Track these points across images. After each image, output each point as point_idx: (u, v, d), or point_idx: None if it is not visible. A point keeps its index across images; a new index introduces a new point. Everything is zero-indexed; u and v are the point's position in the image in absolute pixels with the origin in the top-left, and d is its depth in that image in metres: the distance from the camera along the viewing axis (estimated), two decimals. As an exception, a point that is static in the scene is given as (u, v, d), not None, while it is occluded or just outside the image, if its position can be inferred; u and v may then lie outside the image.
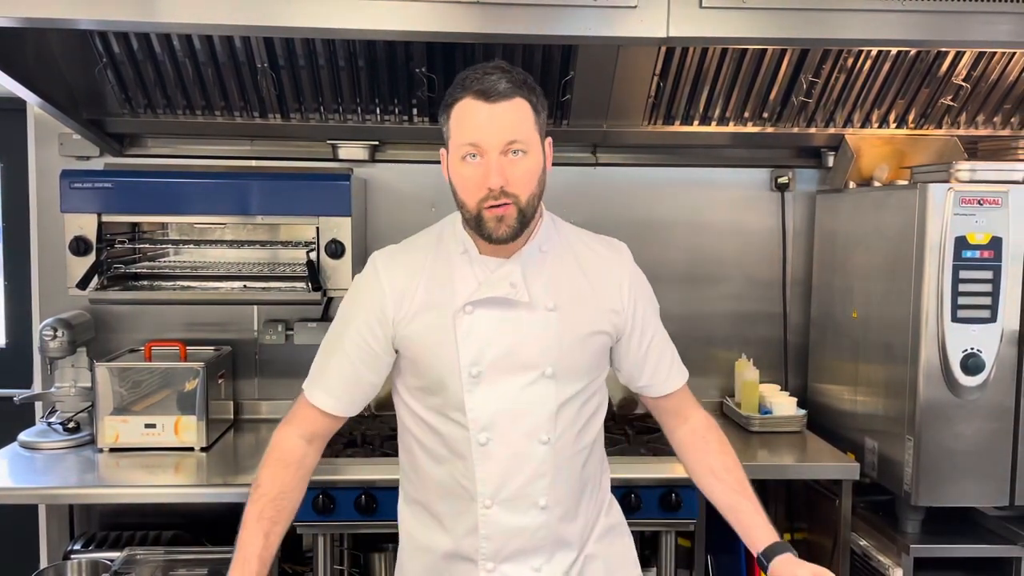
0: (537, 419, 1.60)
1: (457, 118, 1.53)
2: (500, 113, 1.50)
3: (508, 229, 1.53)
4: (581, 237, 1.74)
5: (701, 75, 2.71)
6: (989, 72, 2.75)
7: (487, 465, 1.60)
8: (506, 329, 1.59)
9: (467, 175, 1.53)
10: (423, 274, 1.64)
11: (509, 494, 1.61)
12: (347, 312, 1.69)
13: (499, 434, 1.60)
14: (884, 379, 2.52)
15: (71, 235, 2.59)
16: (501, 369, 1.59)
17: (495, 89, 1.49)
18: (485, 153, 1.50)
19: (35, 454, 2.60)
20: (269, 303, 2.93)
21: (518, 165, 1.51)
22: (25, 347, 3.13)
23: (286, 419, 1.70)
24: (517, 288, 1.59)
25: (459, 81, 1.54)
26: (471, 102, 1.51)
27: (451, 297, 1.60)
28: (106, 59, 2.62)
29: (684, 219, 3.09)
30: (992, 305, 2.30)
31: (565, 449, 1.64)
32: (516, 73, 1.53)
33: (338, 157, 2.96)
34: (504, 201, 1.51)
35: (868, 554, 2.54)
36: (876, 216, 2.59)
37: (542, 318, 1.60)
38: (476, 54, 2.60)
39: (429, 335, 1.61)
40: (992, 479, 2.34)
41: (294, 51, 2.58)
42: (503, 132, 1.50)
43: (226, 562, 1.58)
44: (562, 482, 1.64)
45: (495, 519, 1.62)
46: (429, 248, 1.68)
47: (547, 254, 1.65)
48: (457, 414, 1.60)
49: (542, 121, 1.57)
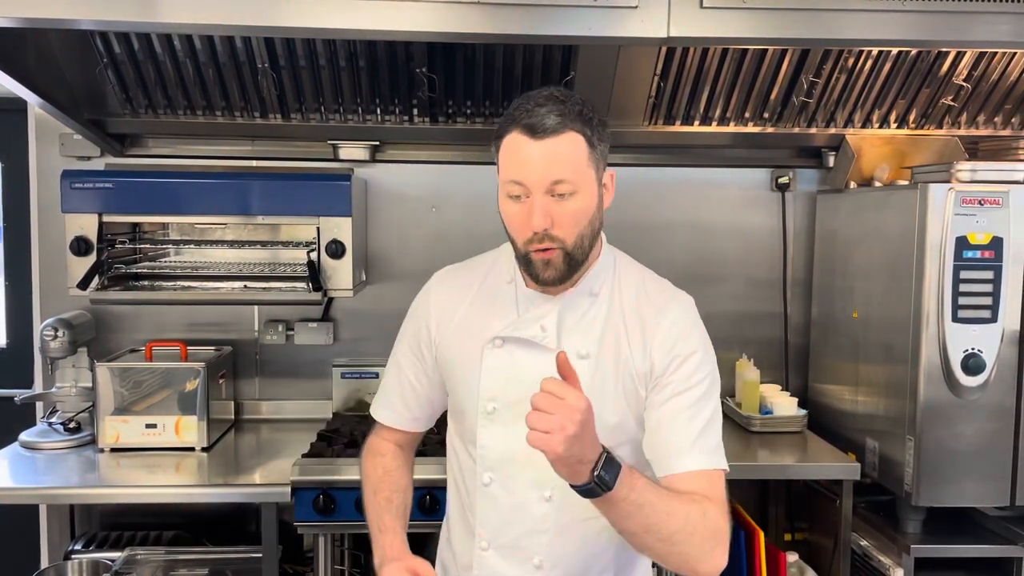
0: (544, 472, 1.39)
1: (504, 153, 1.45)
2: (547, 151, 1.40)
3: (555, 273, 1.45)
4: (639, 282, 1.58)
5: (702, 75, 2.71)
6: (990, 72, 2.75)
7: (488, 506, 1.55)
8: (530, 371, 1.46)
9: (512, 213, 1.45)
10: (469, 297, 1.60)
11: (505, 542, 1.55)
12: (404, 326, 1.69)
13: (503, 478, 1.53)
14: (885, 379, 2.52)
15: (72, 235, 2.59)
16: (517, 411, 1.42)
17: (542, 125, 1.39)
18: (530, 193, 1.41)
19: (36, 454, 2.60)
20: (270, 303, 2.93)
21: (565, 207, 1.42)
22: (26, 347, 3.13)
23: (369, 436, 1.75)
24: (547, 333, 1.50)
25: (510, 111, 1.45)
26: (518, 137, 1.41)
27: (487, 327, 1.55)
28: (107, 59, 2.62)
29: (684, 219, 3.09)
30: (993, 305, 2.30)
31: (572, 510, 1.50)
32: (571, 104, 1.42)
33: (339, 157, 2.96)
34: (548, 245, 1.43)
35: (869, 554, 2.54)
36: (877, 216, 2.59)
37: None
38: (477, 54, 2.61)
39: (460, 360, 1.58)
40: (993, 479, 2.34)
41: (295, 51, 2.58)
42: (549, 172, 1.40)
43: (227, 562, 1.58)
44: (565, 544, 1.53)
45: (489, 563, 1.56)
46: (484, 269, 1.63)
47: (597, 297, 1.54)
48: (471, 447, 1.57)
49: (599, 154, 1.46)
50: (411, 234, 3.02)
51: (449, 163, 3.02)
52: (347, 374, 2.93)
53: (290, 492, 2.31)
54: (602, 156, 1.48)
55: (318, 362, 3.01)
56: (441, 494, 2.18)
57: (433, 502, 2.29)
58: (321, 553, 2.40)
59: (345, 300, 2.83)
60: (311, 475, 2.34)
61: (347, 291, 2.68)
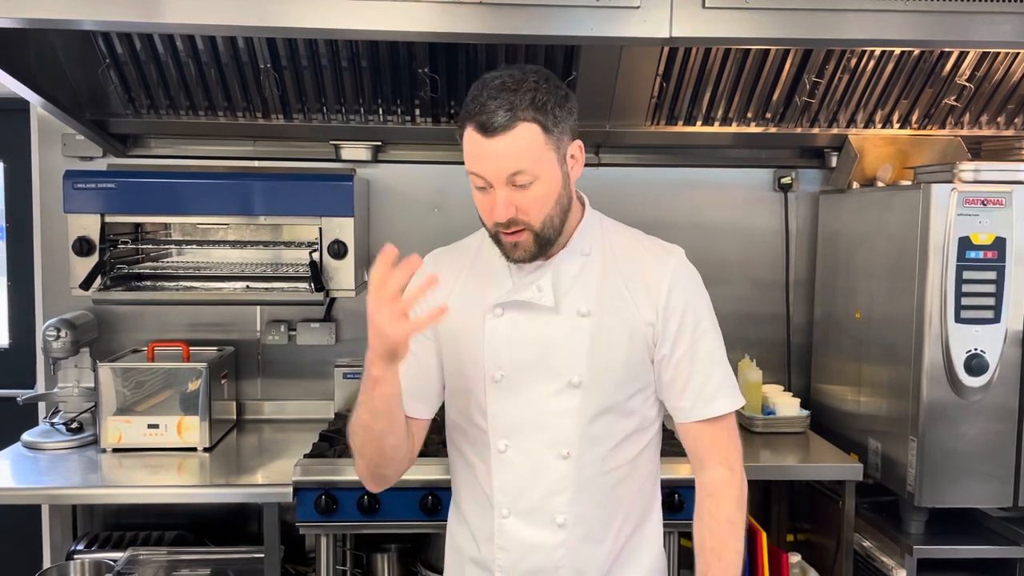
0: (560, 431, 1.53)
1: (464, 145, 1.48)
2: (500, 147, 1.42)
3: (524, 253, 1.50)
4: (627, 238, 1.64)
5: (704, 75, 2.71)
6: (993, 72, 2.75)
7: (505, 473, 1.56)
8: (533, 335, 1.54)
9: (479, 200, 1.51)
10: (464, 272, 1.63)
11: (526, 506, 1.56)
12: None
13: (518, 443, 1.55)
14: (887, 380, 2.51)
15: (74, 235, 2.59)
16: (525, 375, 1.54)
17: (491, 123, 1.41)
18: (491, 184, 1.46)
19: (38, 454, 2.60)
20: (272, 303, 2.93)
21: (526, 195, 1.45)
22: (28, 347, 3.13)
23: None
24: (543, 292, 1.53)
25: (466, 101, 1.47)
26: (471, 133, 1.45)
27: (484, 298, 1.58)
28: (109, 60, 2.62)
29: (687, 219, 3.09)
30: (996, 306, 2.30)
31: (590, 466, 1.55)
32: (523, 92, 1.42)
33: (341, 158, 2.96)
34: (515, 228, 1.47)
35: (871, 555, 2.54)
36: (879, 216, 2.59)
37: (571, 324, 1.54)
38: (479, 54, 2.61)
39: (460, 333, 1.59)
40: (996, 480, 2.34)
41: (297, 51, 2.58)
42: (504, 166, 1.43)
43: (229, 562, 1.58)
44: (585, 501, 1.56)
45: (511, 530, 1.57)
46: (474, 248, 1.66)
47: (588, 256, 1.58)
48: (479, 418, 1.58)
49: (559, 135, 1.46)
50: (413, 234, 3.02)
51: (451, 163, 3.01)
52: (349, 374, 2.93)
53: (292, 492, 2.31)
54: (563, 133, 1.48)
55: (320, 362, 3.01)
56: (443, 494, 2.18)
57: (436, 502, 2.29)
58: (323, 553, 2.40)
59: (347, 300, 2.83)
60: (313, 475, 2.34)
61: (349, 291, 2.68)
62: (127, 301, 2.77)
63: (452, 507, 1.74)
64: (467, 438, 1.62)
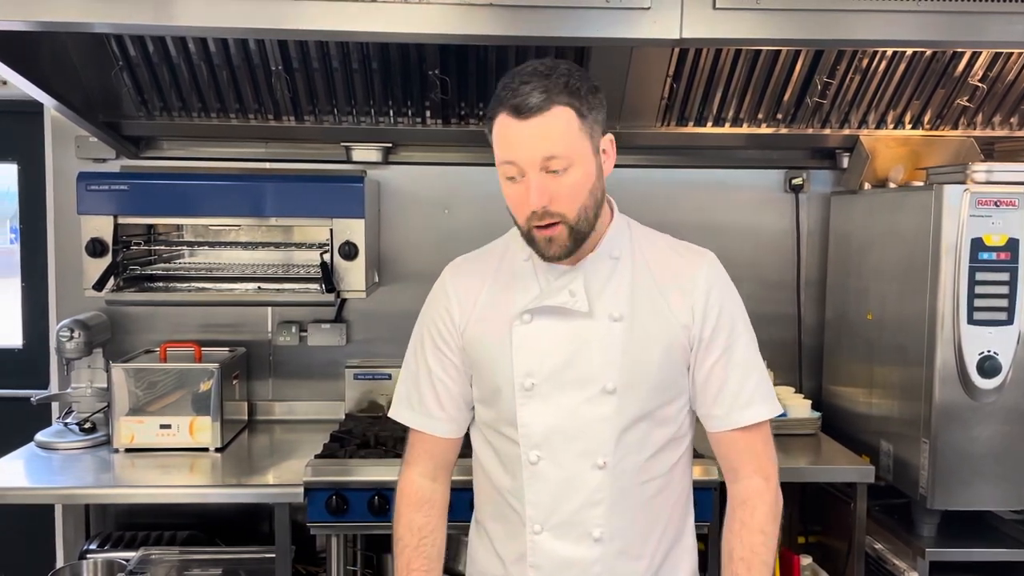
0: (594, 440, 1.48)
1: (496, 135, 1.44)
2: (535, 129, 1.39)
3: (559, 249, 1.45)
4: (658, 242, 1.61)
5: (715, 76, 2.70)
6: (1006, 72, 2.73)
7: (537, 486, 1.50)
8: (564, 340, 1.49)
9: (510, 194, 1.46)
10: (489, 279, 1.58)
11: (560, 520, 1.50)
12: (419, 326, 1.65)
13: (551, 453, 1.49)
14: (899, 381, 2.50)
15: (87, 237, 2.61)
16: (557, 383, 1.49)
17: (526, 104, 1.38)
18: (525, 172, 1.41)
19: (52, 454, 2.61)
20: (283, 304, 2.94)
21: (561, 182, 1.41)
22: (42, 348, 3.15)
23: (403, 462, 1.65)
24: (576, 297, 1.49)
25: (497, 92, 1.44)
26: (505, 118, 1.41)
27: (511, 304, 1.53)
28: (122, 62, 2.64)
29: (697, 221, 3.07)
30: (1009, 307, 2.28)
31: (627, 476, 1.50)
32: (556, 76, 1.40)
33: (352, 159, 2.97)
34: (550, 221, 1.43)
35: (883, 557, 2.53)
36: (891, 217, 2.58)
37: (604, 329, 1.49)
38: (489, 56, 2.61)
39: (488, 341, 1.55)
40: (1008, 482, 2.33)
41: (308, 54, 2.59)
42: (539, 149, 1.39)
43: (240, 562, 1.58)
44: (622, 513, 1.50)
45: (545, 547, 1.51)
46: (497, 254, 1.62)
47: (619, 260, 1.54)
48: (510, 429, 1.52)
49: (592, 123, 1.43)
50: (424, 235, 3.02)
51: (462, 165, 3.02)
52: (360, 375, 2.93)
53: (303, 493, 2.32)
54: (596, 123, 1.45)
55: (331, 363, 3.01)
56: (453, 494, 2.18)
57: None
58: (334, 553, 2.40)
59: (358, 301, 2.84)
60: (324, 476, 2.35)
61: (360, 292, 2.69)
62: (140, 302, 2.78)
63: (473, 526, 1.69)
64: (495, 451, 1.57)
